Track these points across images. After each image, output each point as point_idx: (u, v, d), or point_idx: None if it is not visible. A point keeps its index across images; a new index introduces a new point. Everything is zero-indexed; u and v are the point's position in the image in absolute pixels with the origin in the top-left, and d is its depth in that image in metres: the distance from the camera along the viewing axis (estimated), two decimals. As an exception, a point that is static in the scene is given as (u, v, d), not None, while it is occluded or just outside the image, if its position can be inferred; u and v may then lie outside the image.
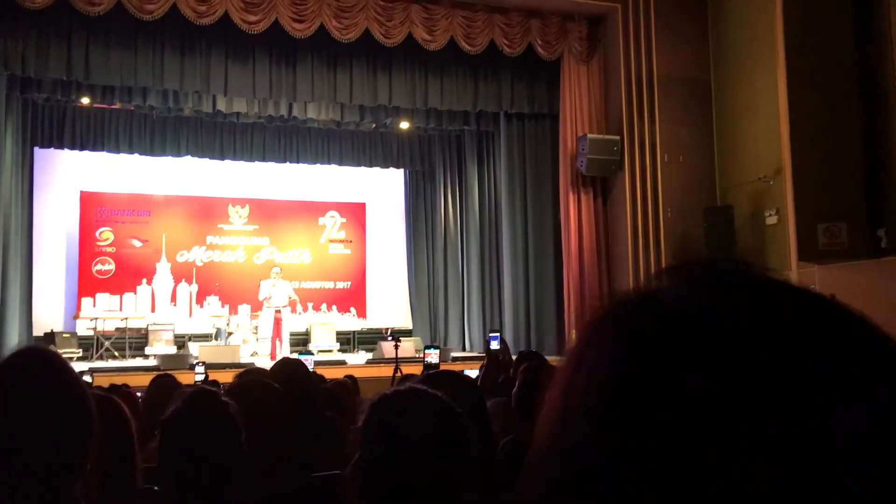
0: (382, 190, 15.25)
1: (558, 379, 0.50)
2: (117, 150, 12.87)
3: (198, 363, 7.74)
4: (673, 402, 0.44)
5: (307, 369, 3.10)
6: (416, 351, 11.14)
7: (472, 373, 6.01)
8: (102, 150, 12.83)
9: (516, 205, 12.27)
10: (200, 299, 13.50)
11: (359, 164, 14.50)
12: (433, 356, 6.60)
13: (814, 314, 0.47)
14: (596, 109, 11.70)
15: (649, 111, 11.26)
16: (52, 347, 9.58)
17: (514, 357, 6.23)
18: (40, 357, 1.30)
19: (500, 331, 11.98)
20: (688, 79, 11.36)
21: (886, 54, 9.23)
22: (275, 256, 14.08)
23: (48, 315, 12.37)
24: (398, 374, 8.64)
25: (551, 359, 9.91)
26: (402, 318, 14.79)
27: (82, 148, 12.73)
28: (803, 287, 0.49)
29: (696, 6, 11.52)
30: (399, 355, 9.55)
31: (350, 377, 6.14)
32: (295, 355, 10.57)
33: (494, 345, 6.70)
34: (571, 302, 11.51)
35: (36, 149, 12.26)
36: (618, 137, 11.32)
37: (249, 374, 4.16)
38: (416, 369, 8.01)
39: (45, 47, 9.80)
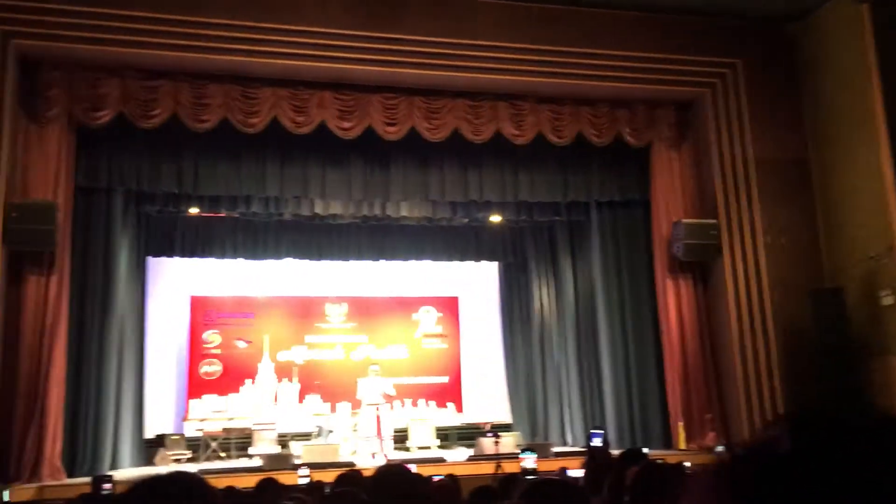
0: (476, 283, 15.32)
1: None
2: (223, 255, 13.49)
3: (301, 465, 7.80)
4: None
5: (410, 479, 3.06)
6: (517, 446, 10.91)
7: (573, 472, 5.86)
8: (210, 256, 13.47)
9: (612, 294, 12.08)
10: (301, 398, 13.71)
11: (451, 259, 14.68)
12: (529, 460, 6.43)
13: None
14: (690, 194, 11.54)
15: (746, 193, 11.02)
16: (163, 450, 9.85)
17: (613, 453, 6.05)
18: (184, 479, 1.35)
19: (603, 424, 11.66)
20: (785, 159, 11.11)
21: None
22: (372, 353, 14.24)
23: (158, 417, 12.79)
24: (500, 470, 8.48)
25: (659, 453, 9.53)
26: (500, 411, 14.56)
27: (191, 255, 13.41)
28: None
29: (788, 87, 11.37)
30: (499, 451, 9.37)
31: (451, 476, 6.05)
32: (398, 457, 10.53)
33: (596, 441, 6.49)
34: (676, 392, 11.09)
35: (149, 258, 12.96)
36: (714, 221, 11.09)
37: (343, 483, 4.16)
38: (518, 466, 7.84)
39: (158, 163, 10.49)
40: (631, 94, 11.29)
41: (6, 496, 6.65)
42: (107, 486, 6.27)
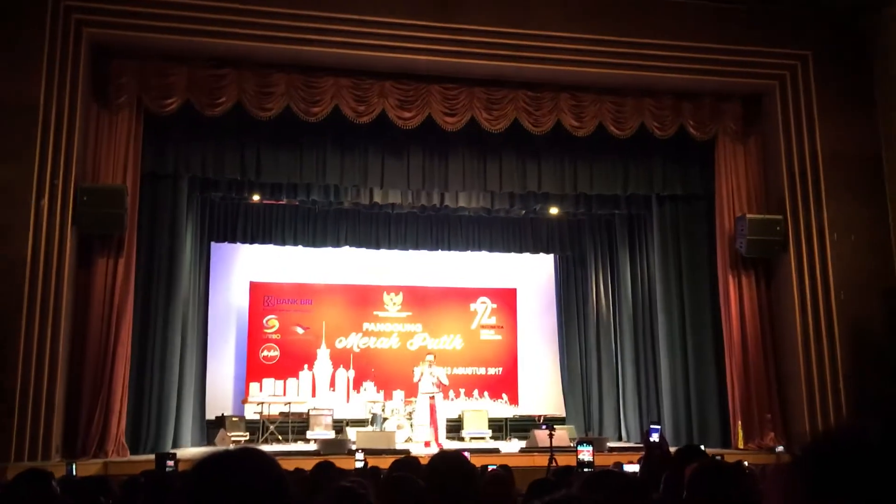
0: (533, 275, 15.26)
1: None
2: (283, 242, 13.72)
3: (357, 449, 7.90)
4: None
5: (466, 466, 3.07)
6: (571, 440, 10.84)
7: (628, 467, 5.79)
8: (270, 242, 13.71)
9: (671, 289, 11.88)
10: (357, 384, 13.88)
11: (509, 251, 14.65)
12: (586, 453, 6.37)
13: None
14: (755, 189, 11.27)
15: (814, 188, 10.71)
16: (223, 431, 10.07)
17: (671, 449, 5.95)
18: (255, 455, 1.37)
19: (660, 420, 11.51)
20: (855, 154, 10.76)
21: None
22: (427, 342, 14.31)
23: (219, 399, 13.09)
24: (553, 464, 8.43)
25: (717, 451, 9.36)
26: (554, 405, 14.50)
27: (252, 241, 13.67)
28: None
29: (860, 81, 10.98)
30: (553, 444, 9.32)
31: (504, 467, 6.04)
32: (451, 446, 10.57)
33: (654, 437, 6.40)
34: (736, 390, 10.87)
35: (212, 243, 13.26)
36: (780, 217, 10.81)
37: (399, 468, 4.19)
38: (571, 459, 7.78)
39: (222, 151, 10.70)
40: (696, 85, 11.05)
41: (74, 470, 6.91)
42: (170, 463, 6.45)
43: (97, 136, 9.84)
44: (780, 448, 10.33)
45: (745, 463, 6.32)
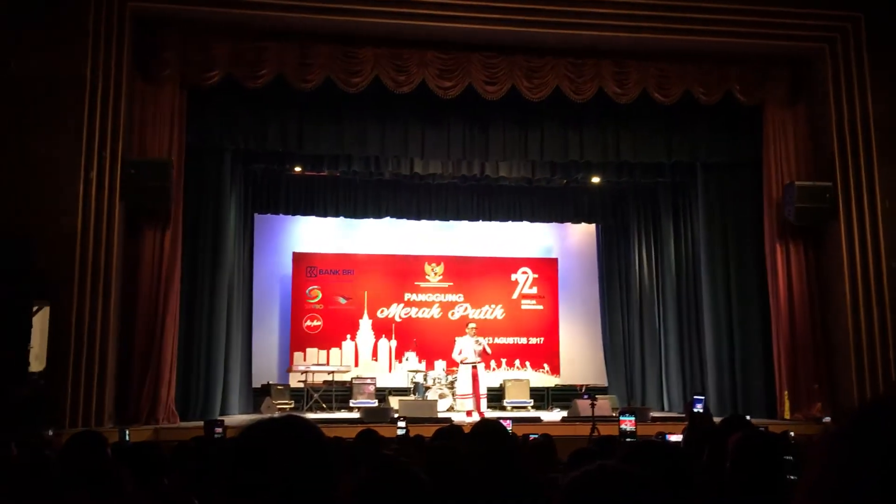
0: (574, 245, 15.17)
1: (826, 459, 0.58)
2: (325, 213, 13.83)
3: (399, 417, 8.00)
4: None
5: (506, 434, 3.09)
6: (613, 409, 10.83)
7: (671, 437, 5.78)
8: (312, 214, 13.84)
9: (716, 258, 11.71)
10: (399, 354, 14.01)
11: (550, 220, 14.57)
12: (628, 423, 6.37)
13: None
14: (804, 155, 11.00)
15: (865, 154, 10.41)
16: (269, 399, 10.25)
17: (714, 419, 5.92)
18: (299, 423, 1.40)
19: (704, 390, 11.42)
20: (910, 118, 10.41)
21: None
22: (469, 312, 14.36)
23: (265, 368, 13.34)
24: (595, 433, 8.45)
25: (762, 421, 9.26)
26: (596, 374, 14.48)
27: (295, 213, 13.81)
28: None
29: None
30: (595, 413, 9.33)
31: (546, 436, 6.06)
32: (493, 415, 10.64)
33: (698, 408, 6.40)
34: (783, 360, 10.72)
35: (256, 214, 13.42)
36: (830, 184, 10.55)
37: (443, 436, 4.23)
38: (613, 429, 7.79)
39: (264, 123, 10.78)
40: (743, 49, 10.77)
41: (126, 435, 7.12)
42: (218, 429, 6.61)
43: (142, 110, 9.97)
44: (828, 419, 10.18)
45: (791, 434, 6.26)
